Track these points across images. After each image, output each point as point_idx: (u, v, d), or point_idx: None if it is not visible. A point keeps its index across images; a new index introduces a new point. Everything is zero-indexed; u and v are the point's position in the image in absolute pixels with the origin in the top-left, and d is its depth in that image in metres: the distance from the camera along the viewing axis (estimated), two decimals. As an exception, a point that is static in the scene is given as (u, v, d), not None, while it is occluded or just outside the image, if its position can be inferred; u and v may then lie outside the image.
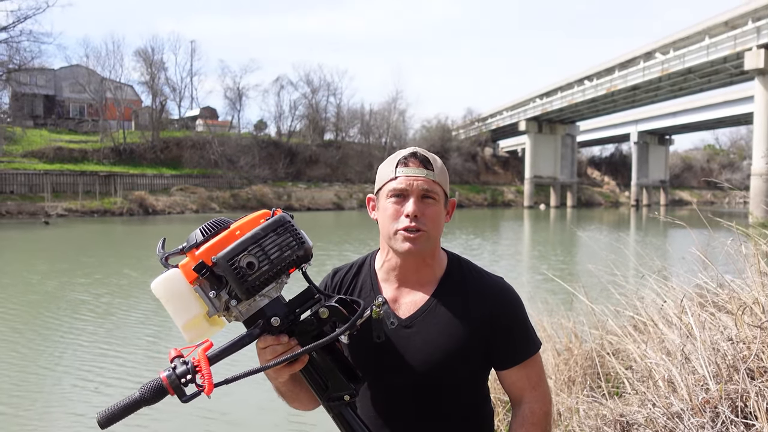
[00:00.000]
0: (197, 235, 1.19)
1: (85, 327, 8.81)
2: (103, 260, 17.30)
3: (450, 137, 64.05)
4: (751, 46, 33.85)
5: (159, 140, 47.55)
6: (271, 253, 1.16)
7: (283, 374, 1.29)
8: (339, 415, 1.29)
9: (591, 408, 2.92)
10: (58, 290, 11.97)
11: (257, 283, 1.16)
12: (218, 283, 1.17)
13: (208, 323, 1.20)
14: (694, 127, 65.29)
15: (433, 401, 1.47)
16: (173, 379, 1.09)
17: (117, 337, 8.25)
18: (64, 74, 50.84)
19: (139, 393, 1.10)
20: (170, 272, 1.19)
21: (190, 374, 1.10)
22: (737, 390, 2.15)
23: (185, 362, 1.11)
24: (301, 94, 57.43)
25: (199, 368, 1.10)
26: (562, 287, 4.53)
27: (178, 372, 1.10)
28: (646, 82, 45.72)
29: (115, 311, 10.02)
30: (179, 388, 1.09)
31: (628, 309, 3.81)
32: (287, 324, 1.22)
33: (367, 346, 1.45)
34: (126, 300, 10.96)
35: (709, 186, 74.83)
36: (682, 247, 5.30)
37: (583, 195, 65.67)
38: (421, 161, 1.45)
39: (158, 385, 1.09)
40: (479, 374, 1.54)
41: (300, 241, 1.19)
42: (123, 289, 12.11)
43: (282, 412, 5.09)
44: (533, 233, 30.42)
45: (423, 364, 1.44)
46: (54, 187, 38.07)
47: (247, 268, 1.15)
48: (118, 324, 9.09)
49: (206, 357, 1.12)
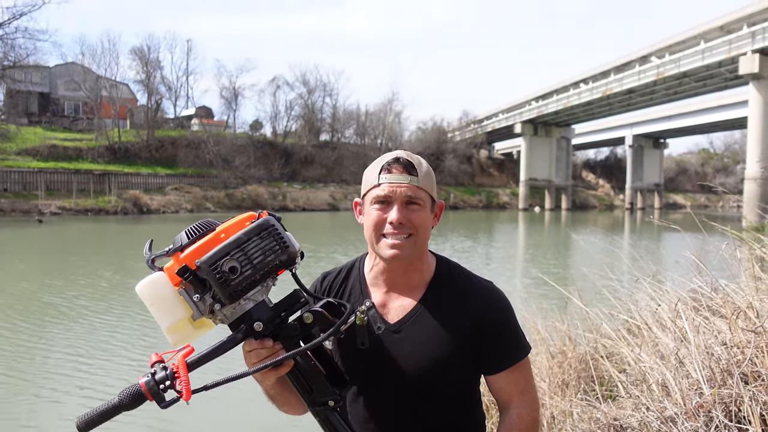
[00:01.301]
0: (182, 237, 1.19)
1: (55, 330, 8.56)
2: (90, 259, 17.13)
3: (445, 139, 64.14)
4: (746, 51, 34.02)
5: (154, 139, 47.41)
6: (254, 257, 1.15)
7: (269, 378, 1.28)
8: (325, 420, 1.28)
9: (585, 411, 2.91)
10: (34, 291, 11.76)
11: (240, 288, 1.15)
12: (202, 287, 1.16)
13: (193, 327, 1.18)
14: (689, 131, 65.63)
15: (423, 407, 1.46)
16: (152, 385, 1.08)
17: (90, 341, 7.96)
18: (59, 72, 50.65)
19: (118, 398, 1.09)
20: (155, 275, 1.18)
21: (169, 380, 1.09)
22: (731, 394, 2.14)
23: (165, 368, 1.10)
24: (297, 94, 57.55)
25: (177, 374, 1.09)
26: (557, 290, 4.53)
27: (156, 378, 1.09)
28: (641, 85, 45.91)
29: (90, 314, 9.71)
30: (158, 394, 1.08)
31: (622, 312, 3.80)
32: (272, 328, 1.20)
33: (354, 352, 1.44)
34: (104, 302, 10.75)
35: (703, 190, 75.19)
36: (677, 250, 5.32)
37: (577, 198, 65.88)
38: (405, 167, 1.42)
39: (137, 391, 1.09)
40: (469, 379, 1.53)
41: (284, 245, 1.18)
42: (100, 291, 11.89)
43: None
44: (527, 236, 30.47)
45: (412, 370, 1.43)
46: (48, 185, 37.91)
47: (230, 273, 1.14)
48: (92, 328, 8.77)
49: (185, 363, 1.10)
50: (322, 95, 58.31)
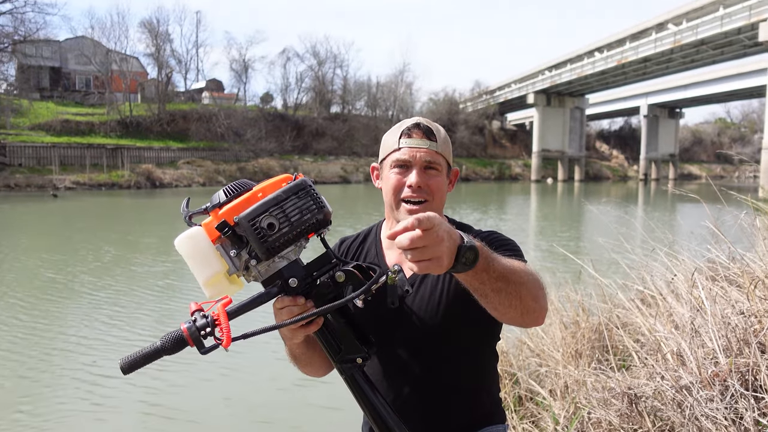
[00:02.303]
0: (220, 195, 1.23)
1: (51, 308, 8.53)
2: (96, 234, 17.35)
3: (457, 110, 63.47)
4: (767, 17, 33.13)
5: (165, 113, 47.37)
6: (291, 215, 1.18)
7: (299, 335, 1.31)
8: (351, 378, 1.32)
9: (598, 381, 2.92)
10: (42, 269, 12.05)
11: (277, 244, 1.19)
12: (239, 243, 1.20)
13: (228, 281, 1.23)
14: (705, 101, 64.38)
15: (438, 364, 1.50)
16: (193, 331, 1.12)
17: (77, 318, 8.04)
18: (69, 46, 50.49)
19: (161, 342, 1.14)
20: (193, 230, 1.22)
21: (210, 327, 1.13)
22: (747, 364, 2.14)
23: (205, 316, 1.14)
24: (307, 66, 57.00)
25: (218, 322, 1.13)
26: (570, 261, 4.51)
27: (198, 324, 1.13)
28: (657, 53, 44.91)
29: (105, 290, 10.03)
30: (198, 340, 1.12)
31: (636, 283, 3.79)
32: (304, 286, 1.25)
33: (378, 313, 1.47)
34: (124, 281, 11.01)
35: (718, 160, 74.14)
36: (691, 221, 5.26)
37: (591, 169, 65.21)
38: (425, 132, 1.48)
39: (179, 335, 1.13)
40: (485, 337, 1.56)
41: (320, 205, 1.21)
42: (104, 267, 12.18)
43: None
44: (539, 208, 30.31)
45: (429, 322, 1.47)
46: (62, 160, 38.14)
47: (268, 229, 1.17)
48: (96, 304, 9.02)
49: (225, 312, 1.14)
50: (332, 67, 57.78)
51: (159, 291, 9.47)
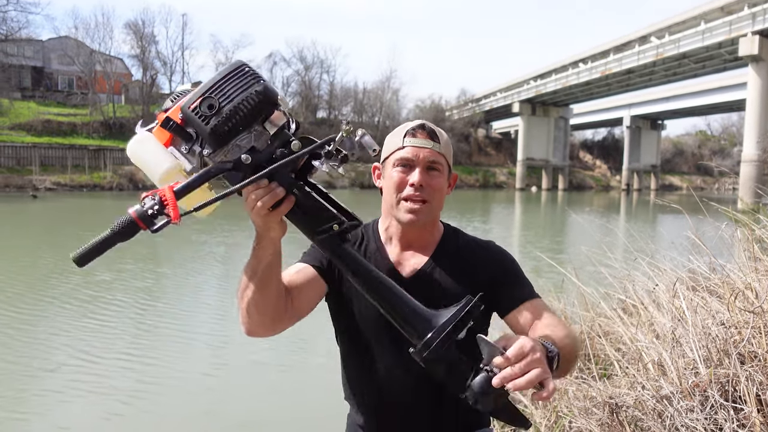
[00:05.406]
0: (167, 103, 1.22)
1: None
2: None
3: (443, 117, 63.73)
4: (746, 32, 33.77)
5: (149, 115, 46.45)
6: (231, 93, 1.15)
7: (272, 221, 1.23)
8: (329, 247, 1.27)
9: (580, 389, 2.92)
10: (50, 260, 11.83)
11: (225, 128, 1.15)
12: (189, 138, 1.19)
13: (186, 177, 1.19)
14: (687, 113, 65.43)
15: None
16: (141, 212, 1.11)
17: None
18: (52, 45, 49.91)
19: (110, 230, 1.12)
20: (142, 134, 1.21)
21: (158, 206, 1.11)
22: (727, 374, 2.15)
23: (153, 197, 1.13)
24: (294, 70, 57.00)
25: (165, 200, 1.11)
26: (553, 270, 4.53)
27: (145, 206, 1.12)
28: (640, 66, 45.59)
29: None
30: (148, 219, 1.11)
31: (618, 292, 3.81)
32: (261, 165, 1.18)
33: (378, 314, 1.42)
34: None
35: (699, 171, 75.21)
36: (673, 231, 5.32)
37: (574, 178, 65.84)
38: (429, 133, 1.52)
39: (128, 219, 1.11)
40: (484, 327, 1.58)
41: (258, 78, 1.18)
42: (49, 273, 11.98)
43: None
44: (523, 216, 30.49)
45: None
46: (42, 160, 37.63)
47: (209, 110, 1.14)
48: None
49: (173, 190, 1.13)
50: (319, 72, 57.82)
51: (140, 294, 9.34)
